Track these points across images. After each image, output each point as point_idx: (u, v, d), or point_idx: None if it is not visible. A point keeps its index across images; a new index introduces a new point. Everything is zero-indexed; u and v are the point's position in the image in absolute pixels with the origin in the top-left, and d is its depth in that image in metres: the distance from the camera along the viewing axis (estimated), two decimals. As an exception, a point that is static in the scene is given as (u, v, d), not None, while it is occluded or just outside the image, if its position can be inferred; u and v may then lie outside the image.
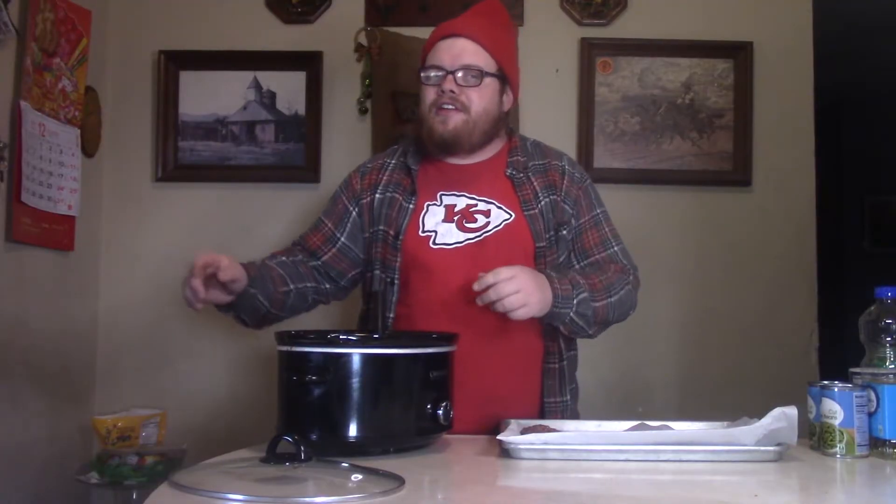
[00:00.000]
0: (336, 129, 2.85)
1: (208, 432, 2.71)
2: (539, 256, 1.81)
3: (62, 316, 2.59)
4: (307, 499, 1.15)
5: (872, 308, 1.53)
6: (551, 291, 1.69)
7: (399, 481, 1.18)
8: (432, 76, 1.83)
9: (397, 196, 1.87)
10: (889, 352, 1.50)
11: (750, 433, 1.40)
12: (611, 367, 2.71)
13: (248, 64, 2.84)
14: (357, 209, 1.91)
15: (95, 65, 2.70)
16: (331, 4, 2.87)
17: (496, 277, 1.62)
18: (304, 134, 2.83)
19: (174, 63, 2.85)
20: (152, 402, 2.66)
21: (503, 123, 1.92)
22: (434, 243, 1.81)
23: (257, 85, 2.85)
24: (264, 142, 2.85)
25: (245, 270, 1.69)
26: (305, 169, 2.82)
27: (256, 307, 1.75)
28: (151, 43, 2.86)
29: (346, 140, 2.84)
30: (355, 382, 1.40)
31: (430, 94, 1.83)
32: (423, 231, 1.82)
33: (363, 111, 2.83)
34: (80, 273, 2.70)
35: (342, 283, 1.94)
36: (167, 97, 2.84)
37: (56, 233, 2.48)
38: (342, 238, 1.90)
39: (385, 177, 1.91)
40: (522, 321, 1.71)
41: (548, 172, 1.90)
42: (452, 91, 1.80)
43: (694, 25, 2.85)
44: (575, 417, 1.86)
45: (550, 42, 2.85)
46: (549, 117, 2.81)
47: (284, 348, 1.46)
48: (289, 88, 2.84)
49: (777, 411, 1.40)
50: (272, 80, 2.85)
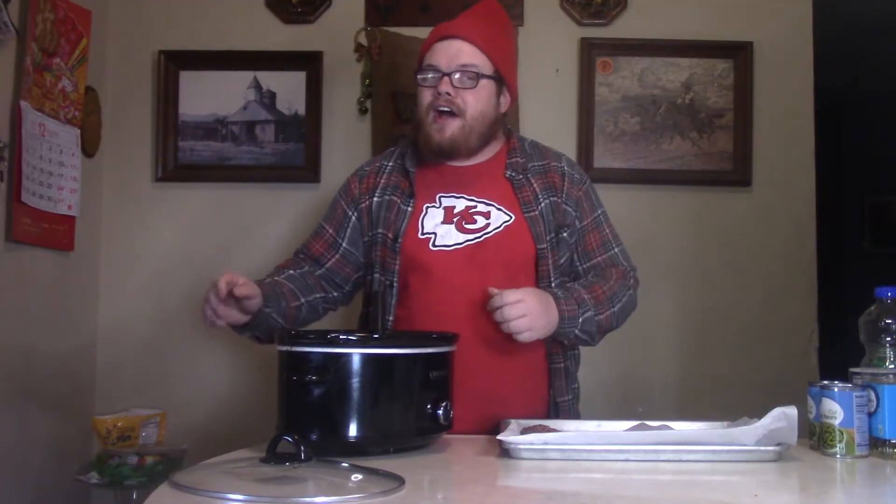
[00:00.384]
0: (336, 129, 2.85)
1: (208, 432, 2.71)
2: (540, 258, 1.81)
3: (62, 316, 2.59)
4: (307, 499, 1.15)
5: (872, 308, 1.53)
6: (557, 313, 1.71)
7: (399, 481, 1.18)
8: (429, 77, 1.82)
9: (395, 199, 1.86)
10: (889, 352, 1.50)
11: (750, 433, 1.40)
12: (611, 367, 2.71)
13: (248, 64, 2.84)
14: (356, 213, 1.91)
15: (95, 65, 2.70)
16: (331, 4, 2.87)
17: (503, 300, 1.64)
18: (304, 134, 2.83)
19: (174, 63, 2.85)
20: (152, 402, 2.66)
21: (500, 125, 1.91)
22: (433, 245, 1.80)
23: (257, 85, 2.85)
24: (264, 142, 2.85)
25: (259, 289, 1.70)
26: (305, 169, 2.82)
27: (271, 325, 1.75)
28: (151, 43, 2.86)
29: (346, 140, 2.84)
30: (355, 382, 1.40)
31: (427, 97, 1.83)
32: (423, 233, 1.82)
33: (363, 111, 2.83)
34: (80, 273, 2.70)
35: (347, 289, 1.95)
36: (167, 97, 2.84)
37: (56, 233, 2.48)
38: (344, 243, 1.91)
39: (383, 180, 1.90)
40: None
41: (547, 174, 1.90)
42: (448, 93, 1.79)
43: (694, 25, 2.85)
44: (576, 417, 1.86)
45: (550, 42, 2.85)
46: (549, 117, 2.81)
47: (284, 348, 1.46)
48: (289, 88, 2.84)
49: (777, 411, 1.40)
50: (272, 80, 2.85)
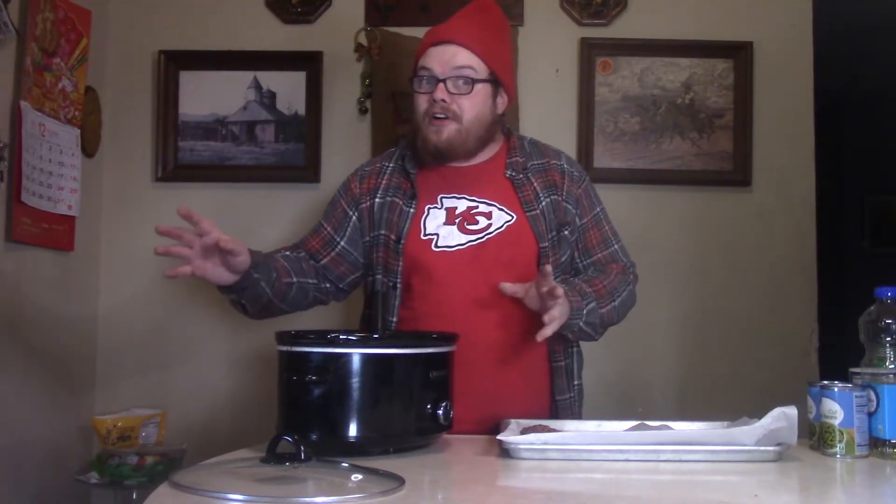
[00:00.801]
0: (336, 129, 2.85)
1: (208, 432, 2.71)
2: (542, 257, 1.82)
3: (62, 316, 2.59)
4: (307, 499, 1.15)
5: (872, 308, 1.53)
6: (567, 305, 1.70)
7: (399, 481, 1.19)
8: (423, 84, 1.82)
9: (397, 200, 1.87)
10: (889, 352, 1.50)
11: (750, 433, 1.40)
12: (611, 367, 2.71)
13: (248, 64, 2.84)
14: (356, 213, 1.90)
15: (95, 65, 2.70)
16: (331, 4, 2.87)
17: (558, 304, 1.63)
18: (304, 134, 2.83)
19: (174, 63, 2.85)
20: (152, 402, 2.66)
21: (498, 126, 1.91)
22: (436, 246, 1.81)
23: (257, 85, 2.85)
24: (264, 142, 2.85)
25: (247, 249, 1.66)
26: (305, 169, 2.82)
27: (259, 294, 1.72)
28: (151, 43, 2.86)
29: (346, 140, 2.84)
30: (355, 382, 1.40)
31: (422, 103, 1.83)
32: (425, 234, 1.82)
33: (363, 111, 2.83)
34: (80, 273, 2.70)
35: (341, 286, 1.94)
36: (167, 97, 2.84)
37: (56, 233, 2.48)
38: (342, 242, 1.90)
39: (384, 181, 1.90)
40: (525, 322, 1.73)
41: (547, 172, 1.90)
42: (444, 100, 1.79)
43: (694, 25, 2.85)
44: (578, 416, 1.86)
45: (550, 42, 2.85)
46: (549, 117, 2.81)
47: (284, 348, 1.46)
48: (289, 88, 2.84)
49: (777, 411, 1.40)
50: (272, 80, 2.85)
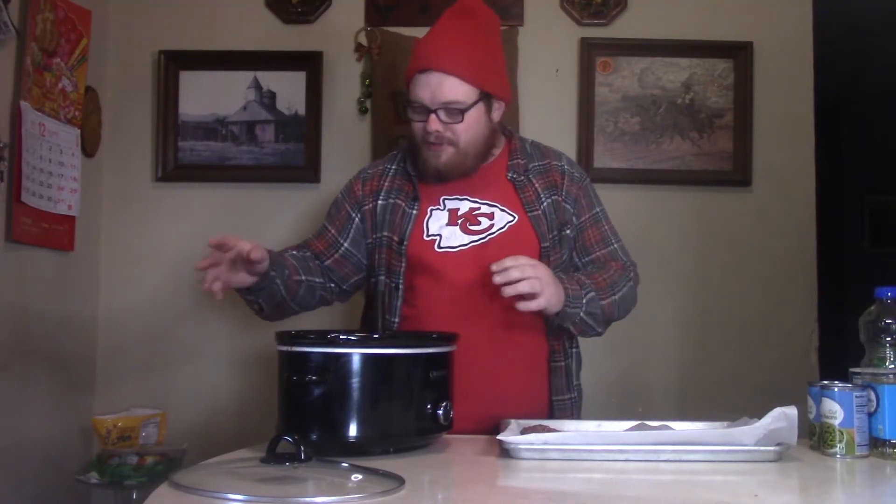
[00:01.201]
0: (336, 129, 2.85)
1: (208, 432, 2.71)
2: (543, 257, 1.83)
3: (62, 316, 2.59)
4: (307, 499, 1.15)
5: (872, 308, 1.53)
6: (563, 291, 1.70)
7: (399, 481, 1.19)
8: (416, 113, 1.82)
9: (400, 202, 1.88)
10: (889, 352, 1.50)
11: (750, 433, 1.40)
12: (611, 367, 2.71)
13: (248, 64, 2.84)
14: (359, 215, 1.92)
15: (95, 65, 2.70)
16: (331, 4, 2.86)
17: (517, 261, 1.64)
18: (304, 134, 2.83)
19: (174, 63, 2.85)
20: (152, 402, 2.66)
21: (498, 134, 1.92)
22: (439, 247, 1.82)
23: (257, 85, 2.85)
24: (264, 142, 2.85)
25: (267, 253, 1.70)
26: (305, 169, 2.82)
27: (273, 292, 1.76)
28: (151, 43, 2.86)
29: (346, 140, 2.84)
30: (355, 382, 1.40)
31: (418, 131, 1.83)
32: (428, 235, 1.83)
33: (363, 111, 2.83)
34: (80, 273, 2.69)
35: (344, 287, 1.95)
36: (167, 97, 2.83)
37: (56, 233, 2.48)
38: (345, 244, 1.92)
39: (387, 183, 1.92)
40: (528, 322, 1.72)
41: (548, 173, 1.91)
42: (438, 130, 1.79)
43: (694, 25, 2.85)
44: (578, 417, 1.87)
45: (550, 42, 2.85)
46: (549, 117, 2.81)
47: (284, 348, 1.46)
48: (289, 88, 2.84)
49: (777, 411, 1.40)
50: (272, 80, 2.85)
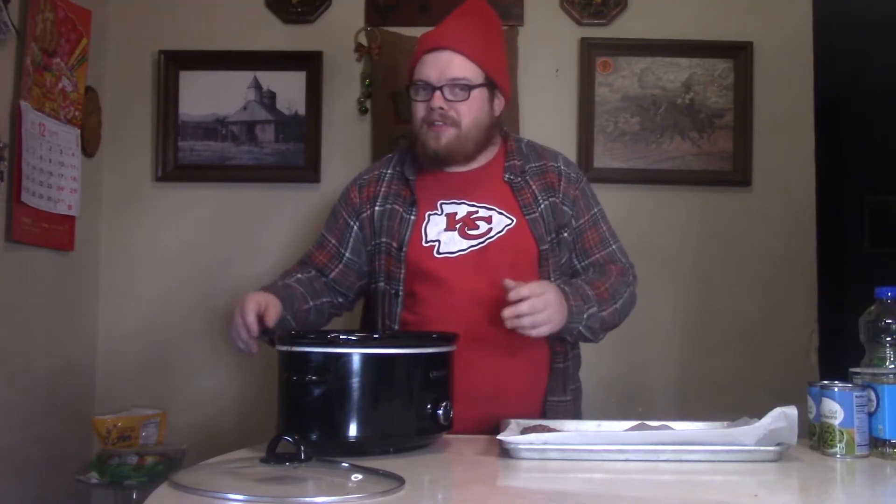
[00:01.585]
0: (336, 129, 2.85)
1: (208, 432, 2.71)
2: (542, 259, 1.82)
3: (62, 316, 2.59)
4: (307, 499, 1.15)
5: (872, 308, 1.53)
6: (567, 308, 1.71)
7: (399, 481, 1.19)
8: (420, 92, 1.82)
9: (397, 207, 1.87)
10: (889, 352, 1.50)
11: (750, 433, 1.40)
12: (611, 367, 2.71)
13: (248, 64, 2.84)
14: (358, 223, 1.91)
15: (95, 65, 2.70)
16: (331, 4, 2.86)
17: (531, 291, 1.63)
18: (304, 134, 2.83)
19: (174, 63, 2.85)
20: (152, 402, 2.65)
21: (496, 129, 1.92)
22: (438, 252, 1.82)
23: (257, 85, 2.85)
24: (264, 142, 2.85)
25: (276, 297, 1.71)
26: (305, 169, 2.82)
27: (286, 328, 1.77)
28: (151, 43, 2.86)
29: (346, 140, 2.84)
30: (355, 382, 1.40)
31: (420, 111, 1.83)
32: (427, 241, 1.83)
33: (363, 111, 2.83)
34: (80, 273, 2.70)
35: (351, 296, 1.96)
36: (167, 97, 2.83)
37: (56, 233, 2.48)
38: (347, 253, 1.92)
39: (383, 188, 1.91)
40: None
41: (545, 174, 1.91)
42: (442, 108, 1.79)
43: (694, 25, 2.85)
44: (577, 417, 1.86)
45: (550, 42, 2.85)
46: (549, 117, 2.81)
47: (284, 348, 1.46)
48: (289, 88, 2.84)
49: (777, 411, 1.40)
50: (272, 80, 2.85)
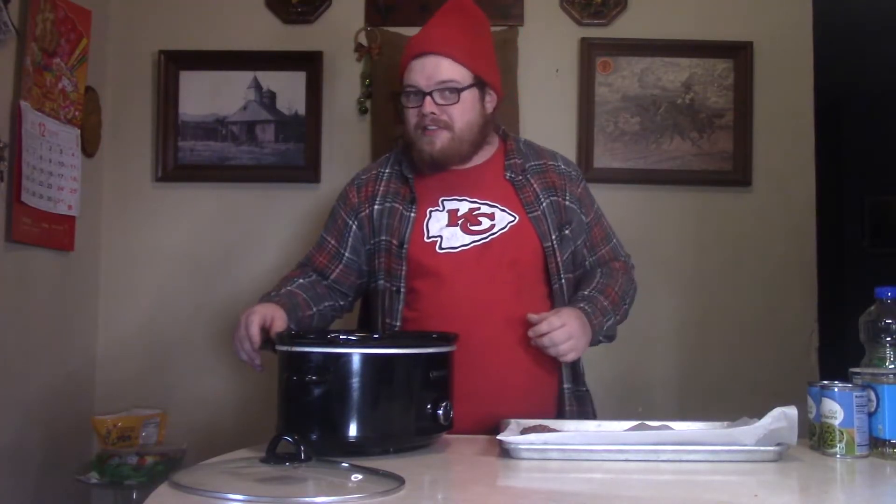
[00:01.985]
0: (336, 129, 2.85)
1: (208, 432, 2.71)
2: (548, 256, 1.84)
3: (62, 316, 2.59)
4: (307, 499, 1.15)
5: (872, 308, 1.53)
6: (591, 328, 1.76)
7: (399, 481, 1.19)
8: (411, 99, 1.83)
9: (397, 205, 1.88)
10: (889, 352, 1.50)
11: (750, 433, 1.40)
12: (611, 367, 2.71)
13: (248, 64, 2.84)
14: (356, 222, 1.92)
15: (95, 65, 2.70)
16: (331, 4, 2.86)
17: (550, 326, 1.70)
18: (304, 134, 2.83)
19: (174, 63, 2.85)
20: (152, 402, 2.65)
21: (491, 126, 1.93)
22: (440, 248, 1.82)
23: (257, 85, 2.85)
24: (264, 142, 2.85)
25: (282, 309, 1.72)
26: (305, 169, 2.82)
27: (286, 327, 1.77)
28: (151, 43, 2.86)
29: (346, 140, 2.84)
30: (355, 382, 1.40)
31: (413, 118, 1.85)
32: (429, 237, 1.83)
33: (363, 111, 2.83)
34: (80, 273, 2.70)
35: (351, 297, 1.97)
36: (167, 97, 2.84)
37: (56, 233, 2.48)
38: (346, 253, 1.92)
39: (382, 187, 1.91)
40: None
41: (545, 173, 1.92)
42: (433, 112, 1.81)
43: (694, 25, 2.85)
44: (590, 408, 1.90)
45: (550, 42, 2.85)
46: (549, 117, 2.81)
47: (284, 348, 1.46)
48: (289, 88, 2.84)
49: (777, 411, 1.40)
50: (272, 80, 2.85)
